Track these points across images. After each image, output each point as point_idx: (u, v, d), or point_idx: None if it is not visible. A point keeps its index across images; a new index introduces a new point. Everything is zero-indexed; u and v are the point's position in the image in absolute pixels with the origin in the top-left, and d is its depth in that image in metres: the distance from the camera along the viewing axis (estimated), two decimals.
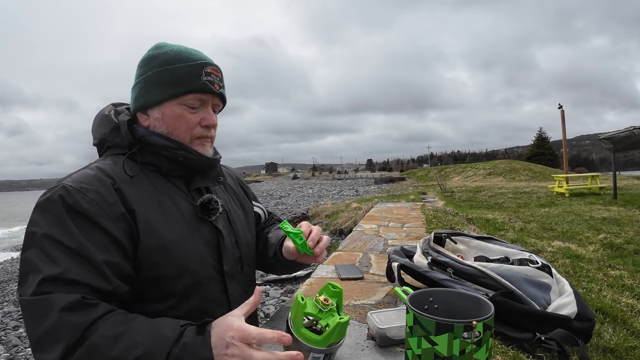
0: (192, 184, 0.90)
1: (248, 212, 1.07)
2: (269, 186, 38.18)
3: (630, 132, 8.46)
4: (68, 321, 0.65)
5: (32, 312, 0.67)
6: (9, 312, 5.01)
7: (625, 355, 1.31)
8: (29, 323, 0.67)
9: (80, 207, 0.72)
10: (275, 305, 4.07)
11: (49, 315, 0.65)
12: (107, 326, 0.67)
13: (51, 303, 0.65)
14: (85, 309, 0.67)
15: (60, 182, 0.76)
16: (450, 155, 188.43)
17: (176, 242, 0.80)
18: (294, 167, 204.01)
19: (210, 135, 0.90)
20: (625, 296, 2.21)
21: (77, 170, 0.81)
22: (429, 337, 0.57)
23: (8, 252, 12.30)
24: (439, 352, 0.56)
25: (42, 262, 0.68)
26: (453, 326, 0.56)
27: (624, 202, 7.93)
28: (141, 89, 0.86)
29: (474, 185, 17.82)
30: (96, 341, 0.64)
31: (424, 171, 38.43)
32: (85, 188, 0.74)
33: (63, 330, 0.64)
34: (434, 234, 1.65)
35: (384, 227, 3.62)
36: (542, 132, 51.15)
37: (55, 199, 0.72)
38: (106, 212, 0.74)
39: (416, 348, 0.59)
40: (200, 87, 0.84)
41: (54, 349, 0.64)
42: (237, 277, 0.93)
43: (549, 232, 4.84)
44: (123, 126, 0.84)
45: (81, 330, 0.65)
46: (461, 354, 0.56)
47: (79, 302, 0.67)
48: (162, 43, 0.89)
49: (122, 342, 0.65)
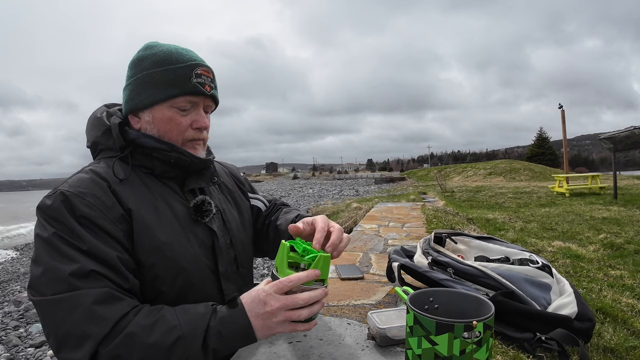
0: (186, 185, 0.90)
1: (243, 210, 1.06)
2: (269, 186, 38.19)
3: (631, 132, 8.46)
4: (99, 315, 0.64)
5: (56, 310, 0.65)
6: (9, 312, 5.01)
7: (626, 355, 1.30)
8: (51, 322, 0.66)
9: (81, 212, 0.72)
10: None
11: (76, 311, 0.64)
12: (141, 316, 0.67)
13: (78, 299, 0.65)
14: (115, 302, 0.67)
15: (57, 189, 0.75)
16: (450, 155, 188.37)
17: (171, 243, 0.80)
18: (294, 167, 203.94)
19: (202, 137, 0.89)
20: (626, 296, 2.20)
21: (72, 176, 0.80)
22: (429, 337, 0.57)
23: (9, 252, 12.30)
24: (439, 352, 0.56)
25: (58, 261, 0.68)
26: (453, 326, 0.56)
27: (625, 202, 7.92)
28: (132, 91, 0.85)
29: (474, 185, 17.81)
30: (132, 330, 0.64)
31: (424, 171, 38.43)
32: (83, 192, 0.74)
33: (93, 325, 0.64)
34: (434, 234, 1.65)
35: (384, 227, 3.61)
36: (543, 132, 51.15)
37: (56, 206, 0.72)
38: (106, 215, 0.74)
39: (416, 348, 0.59)
40: (191, 89, 0.82)
41: (82, 345, 0.63)
42: (233, 277, 0.93)
43: (549, 232, 4.83)
44: (114, 129, 0.84)
45: (112, 323, 0.64)
46: (461, 354, 0.56)
47: (108, 295, 0.67)
48: (152, 43, 0.87)
49: (158, 328, 0.65)
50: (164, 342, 0.64)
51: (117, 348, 0.63)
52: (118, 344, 0.63)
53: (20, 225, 21.61)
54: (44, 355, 3.56)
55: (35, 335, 4.08)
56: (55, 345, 0.66)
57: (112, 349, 0.63)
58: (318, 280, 0.73)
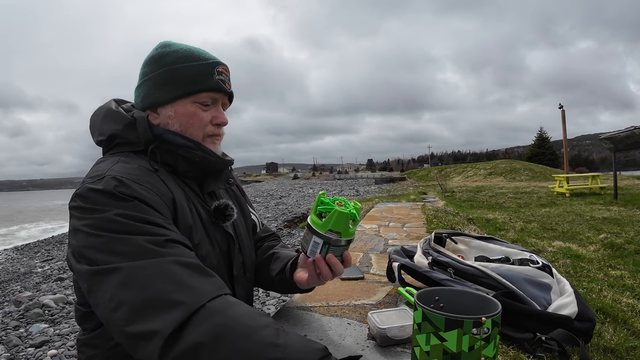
0: (205, 187, 0.90)
1: (247, 217, 1.07)
2: (270, 186, 38.21)
3: (631, 132, 8.46)
4: (191, 285, 0.57)
5: (132, 276, 0.57)
6: (9, 312, 5.01)
7: (626, 355, 1.30)
8: (122, 291, 0.56)
9: (140, 194, 0.69)
10: (275, 305, 4.07)
11: (162, 277, 0.56)
12: (244, 309, 0.57)
13: (162, 264, 0.58)
14: (207, 276, 0.61)
15: (103, 175, 0.70)
16: (450, 155, 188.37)
17: (201, 245, 0.80)
18: (295, 167, 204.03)
19: (220, 133, 0.90)
20: (626, 296, 2.20)
21: (111, 164, 0.75)
22: (439, 333, 0.57)
23: (9, 252, 12.30)
24: (448, 348, 0.56)
25: (134, 235, 0.61)
26: (463, 322, 0.56)
27: (625, 202, 7.92)
28: (150, 87, 0.84)
29: (475, 185, 17.81)
30: (230, 320, 0.54)
31: (425, 171, 38.41)
32: (137, 178, 0.72)
33: (183, 293, 0.56)
34: (435, 234, 1.65)
35: (385, 227, 3.61)
36: (543, 132, 51.13)
37: (110, 189, 0.66)
38: (162, 200, 0.73)
39: (424, 345, 0.59)
40: (214, 85, 0.84)
41: (168, 314, 0.53)
42: (242, 281, 0.93)
43: (550, 232, 4.83)
44: (142, 122, 0.81)
45: (207, 297, 0.56)
46: (470, 349, 0.56)
47: (198, 266, 0.61)
48: (168, 42, 0.87)
49: (260, 336, 0.54)
50: (259, 355, 0.52)
51: (206, 332, 0.53)
52: (210, 328, 0.53)
53: (21, 225, 21.61)
54: (44, 355, 3.56)
55: (35, 335, 4.08)
56: (126, 316, 0.55)
57: (201, 331, 0.53)
58: (335, 232, 0.79)
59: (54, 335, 4.02)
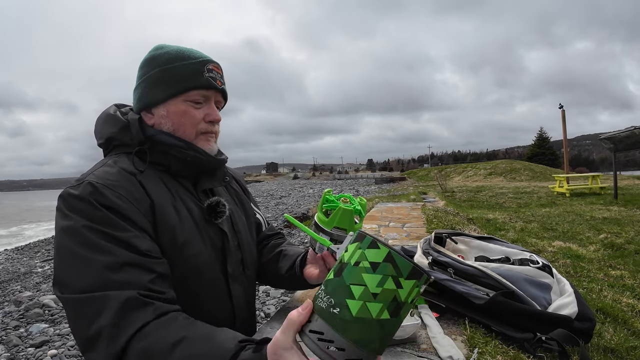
0: (199, 185, 0.90)
1: (250, 214, 1.07)
2: (270, 186, 38.22)
3: (631, 132, 8.46)
4: (126, 320, 0.62)
5: (84, 309, 0.63)
6: (9, 312, 5.01)
7: (626, 355, 1.30)
8: (79, 322, 0.64)
9: (113, 203, 0.71)
10: (275, 305, 4.07)
11: (104, 313, 0.62)
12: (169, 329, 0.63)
13: (108, 301, 0.63)
14: (141, 308, 0.64)
15: (82, 180, 0.74)
16: (450, 155, 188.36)
17: (189, 244, 0.81)
18: (295, 167, 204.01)
19: (214, 130, 0.91)
20: (626, 296, 2.20)
21: (94, 168, 0.80)
22: (399, 279, 0.54)
23: (9, 252, 12.31)
24: (399, 295, 0.54)
25: (90, 253, 0.66)
26: (422, 275, 0.55)
27: (625, 202, 7.92)
28: (144, 88, 0.86)
29: (475, 185, 17.81)
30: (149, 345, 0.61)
31: (425, 171, 38.41)
32: (113, 184, 0.74)
33: (119, 329, 0.61)
34: (435, 234, 1.65)
35: (385, 227, 3.61)
36: (543, 132, 51.11)
37: (85, 197, 0.71)
38: (137, 208, 0.74)
39: (374, 286, 0.54)
40: (204, 83, 0.85)
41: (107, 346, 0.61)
42: (240, 278, 0.94)
43: (550, 232, 4.83)
44: (134, 124, 0.84)
45: (133, 330, 0.62)
46: (411, 302, 0.56)
47: (135, 299, 0.64)
48: (161, 44, 0.90)
49: (179, 350, 0.61)
50: None
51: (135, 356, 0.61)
52: (137, 353, 0.61)
53: (21, 226, 21.62)
54: (44, 355, 3.56)
55: (35, 335, 4.08)
56: (81, 345, 0.65)
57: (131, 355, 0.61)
58: (341, 229, 0.81)
59: (54, 335, 4.02)
